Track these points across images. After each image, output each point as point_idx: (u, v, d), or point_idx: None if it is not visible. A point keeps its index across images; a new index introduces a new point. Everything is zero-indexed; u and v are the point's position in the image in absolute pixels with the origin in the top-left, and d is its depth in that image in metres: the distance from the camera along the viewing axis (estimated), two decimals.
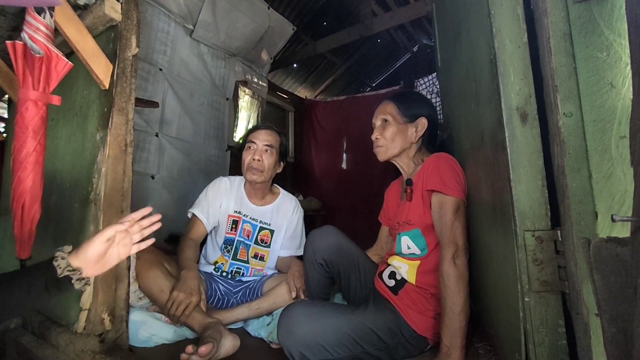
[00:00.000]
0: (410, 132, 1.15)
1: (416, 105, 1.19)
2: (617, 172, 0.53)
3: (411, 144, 1.16)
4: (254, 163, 1.45)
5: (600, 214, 0.53)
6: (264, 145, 1.47)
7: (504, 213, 0.71)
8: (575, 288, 0.54)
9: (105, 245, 0.72)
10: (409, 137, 1.15)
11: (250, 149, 1.48)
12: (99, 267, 0.72)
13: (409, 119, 1.16)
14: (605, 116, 0.55)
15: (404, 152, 1.18)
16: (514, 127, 0.67)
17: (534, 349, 0.62)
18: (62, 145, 1.25)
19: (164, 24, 2.51)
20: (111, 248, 0.73)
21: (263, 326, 1.30)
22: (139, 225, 0.78)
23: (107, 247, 0.72)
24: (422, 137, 1.16)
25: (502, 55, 0.70)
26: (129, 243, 0.76)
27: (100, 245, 0.71)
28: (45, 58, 0.92)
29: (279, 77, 4.82)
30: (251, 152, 1.47)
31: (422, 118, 1.15)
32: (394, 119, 1.16)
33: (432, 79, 3.30)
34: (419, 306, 1.04)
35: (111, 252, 0.73)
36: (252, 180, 1.47)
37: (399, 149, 1.16)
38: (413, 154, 1.18)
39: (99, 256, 0.71)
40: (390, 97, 1.22)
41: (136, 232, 0.77)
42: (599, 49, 0.56)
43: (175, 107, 2.60)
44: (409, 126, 1.15)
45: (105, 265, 0.73)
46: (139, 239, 0.78)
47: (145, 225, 0.79)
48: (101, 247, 0.71)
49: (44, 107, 0.94)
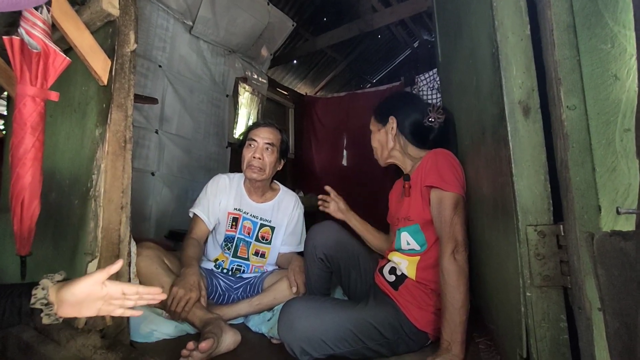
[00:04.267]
0: (386, 133, 1.21)
1: (385, 107, 1.24)
2: (621, 165, 0.52)
3: (393, 142, 1.20)
4: (254, 161, 1.45)
5: (604, 208, 0.52)
6: (265, 143, 1.47)
7: (506, 208, 0.70)
8: (577, 283, 0.53)
9: (94, 288, 0.66)
10: (388, 138, 1.21)
11: (250, 146, 1.47)
12: (74, 310, 0.66)
13: (382, 122, 1.23)
14: (609, 109, 0.54)
15: (393, 152, 1.21)
16: (517, 121, 0.67)
17: (536, 344, 0.62)
18: (61, 142, 1.24)
19: (163, 20, 2.49)
20: (96, 301, 0.67)
21: (264, 321, 1.30)
22: (139, 295, 0.72)
23: (95, 292, 0.66)
24: (402, 132, 1.19)
25: (505, 49, 0.69)
26: (117, 305, 0.70)
27: (90, 285, 0.66)
28: (43, 54, 0.91)
29: (279, 74, 4.80)
30: (252, 150, 1.46)
31: (390, 117, 1.20)
32: (374, 128, 1.26)
33: (433, 74, 3.29)
34: (419, 301, 1.04)
35: (93, 302, 0.67)
36: (252, 178, 1.46)
37: (387, 152, 1.22)
38: (402, 150, 1.20)
39: (82, 297, 0.66)
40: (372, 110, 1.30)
41: (133, 300, 0.71)
42: (603, 41, 0.55)
43: (175, 104, 2.59)
44: (383, 129, 1.23)
45: (81, 311, 0.67)
46: (131, 305, 0.72)
47: (146, 298, 0.74)
48: (89, 288, 0.66)
49: (42, 103, 0.93)
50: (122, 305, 0.70)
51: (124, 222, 1.10)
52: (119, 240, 1.08)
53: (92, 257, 1.01)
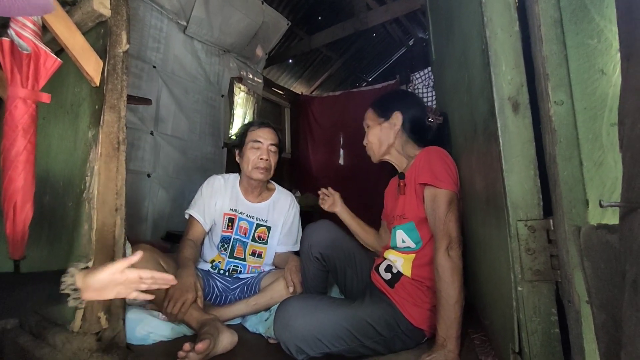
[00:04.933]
0: (389, 128, 1.19)
1: (389, 102, 1.23)
2: (608, 159, 0.53)
3: (394, 138, 1.19)
4: (261, 162, 1.45)
5: (592, 202, 0.52)
6: (270, 144, 1.47)
7: (497, 204, 0.71)
8: (567, 276, 0.54)
9: (117, 275, 0.73)
10: (389, 133, 1.19)
11: (257, 148, 1.47)
12: (97, 294, 0.74)
13: (385, 116, 1.20)
14: (596, 104, 0.54)
15: (391, 148, 1.20)
16: (506, 117, 0.67)
17: (527, 337, 0.62)
18: (55, 144, 1.24)
19: (156, 21, 2.48)
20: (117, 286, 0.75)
21: (261, 322, 1.31)
22: (153, 280, 0.79)
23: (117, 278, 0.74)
24: (404, 129, 1.18)
25: (494, 45, 0.69)
26: (133, 288, 0.77)
27: (113, 273, 0.73)
28: (34, 55, 0.91)
29: (274, 73, 4.79)
30: (258, 152, 1.46)
31: (396, 112, 1.18)
32: (373, 122, 1.22)
33: (427, 72, 3.30)
34: (415, 299, 1.05)
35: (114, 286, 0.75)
36: (258, 178, 1.46)
37: (385, 147, 1.20)
38: (400, 148, 1.19)
39: (105, 283, 0.73)
40: (370, 104, 1.27)
41: (147, 284, 0.78)
42: (589, 36, 0.56)
43: (170, 105, 2.58)
44: (386, 123, 1.20)
45: (102, 294, 0.75)
46: (145, 289, 0.79)
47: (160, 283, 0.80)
48: (112, 276, 0.73)
49: (33, 105, 0.93)
50: (137, 288, 0.78)
51: (119, 224, 1.10)
52: (113, 242, 1.08)
53: (86, 260, 1.01)
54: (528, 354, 0.62)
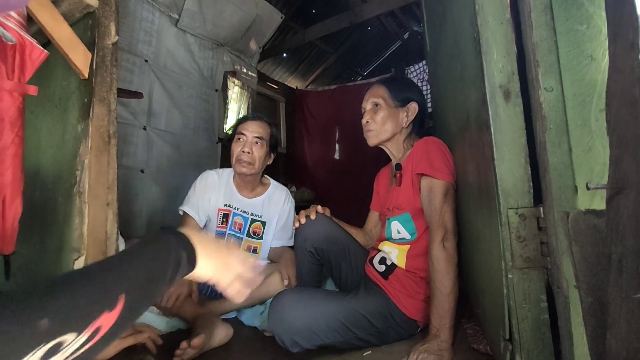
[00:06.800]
0: (402, 117, 1.15)
1: (407, 89, 1.18)
2: (597, 145, 0.53)
3: (402, 128, 1.16)
4: (243, 155, 1.43)
5: (580, 188, 0.53)
6: (254, 137, 1.45)
7: (489, 192, 0.71)
8: (556, 262, 0.54)
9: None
10: (400, 122, 1.15)
11: (239, 140, 1.45)
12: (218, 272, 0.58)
13: (400, 103, 1.15)
14: (585, 90, 0.54)
15: (395, 137, 1.17)
16: (497, 105, 0.67)
17: (517, 324, 0.63)
18: (44, 139, 1.22)
19: (148, 13, 2.44)
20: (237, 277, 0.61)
21: (256, 315, 1.31)
22: None
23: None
24: (413, 122, 1.16)
25: (485, 33, 0.69)
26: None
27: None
28: (19, 46, 0.89)
29: (268, 67, 4.75)
30: (241, 144, 1.44)
31: (413, 102, 1.15)
32: (385, 103, 1.15)
33: (423, 66, 3.29)
34: (409, 290, 1.05)
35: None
36: (241, 172, 1.45)
37: (390, 133, 1.16)
38: (403, 138, 1.18)
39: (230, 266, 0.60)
40: (382, 81, 1.21)
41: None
42: (579, 22, 0.55)
43: (162, 100, 2.55)
44: (400, 110, 1.15)
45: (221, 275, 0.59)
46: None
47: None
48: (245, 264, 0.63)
49: (20, 98, 0.91)
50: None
51: (111, 219, 1.09)
52: (105, 236, 1.07)
53: (78, 254, 1.00)
54: (518, 340, 0.63)
